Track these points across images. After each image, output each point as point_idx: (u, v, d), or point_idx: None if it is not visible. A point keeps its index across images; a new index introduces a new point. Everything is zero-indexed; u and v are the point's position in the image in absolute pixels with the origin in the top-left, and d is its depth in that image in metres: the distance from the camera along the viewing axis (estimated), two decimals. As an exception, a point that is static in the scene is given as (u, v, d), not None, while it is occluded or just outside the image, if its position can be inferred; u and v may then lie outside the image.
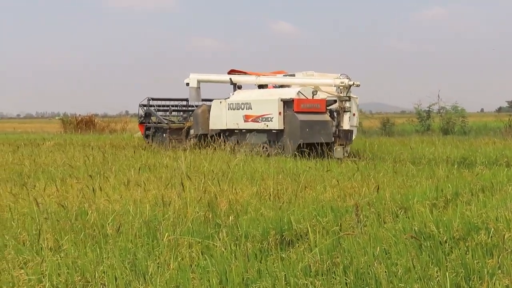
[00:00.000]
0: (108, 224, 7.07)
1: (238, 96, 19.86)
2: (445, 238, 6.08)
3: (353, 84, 18.04)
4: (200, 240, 6.27)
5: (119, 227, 6.67)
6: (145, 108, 23.12)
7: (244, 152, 16.46)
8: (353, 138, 18.58)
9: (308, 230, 6.68)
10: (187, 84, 21.98)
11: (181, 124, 22.15)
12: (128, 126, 42.11)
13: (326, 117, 17.96)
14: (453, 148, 19.05)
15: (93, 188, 8.60)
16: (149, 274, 5.31)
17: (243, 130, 19.02)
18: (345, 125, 18.10)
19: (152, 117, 22.92)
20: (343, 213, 7.66)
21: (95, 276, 5.45)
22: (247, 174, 11.88)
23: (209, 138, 19.70)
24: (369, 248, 5.56)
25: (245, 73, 21.59)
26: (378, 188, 8.86)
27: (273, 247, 6.37)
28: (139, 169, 11.00)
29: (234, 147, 18.06)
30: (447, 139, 25.37)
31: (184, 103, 23.77)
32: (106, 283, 5.25)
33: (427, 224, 6.57)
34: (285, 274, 5.17)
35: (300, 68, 22.00)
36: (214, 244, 6.08)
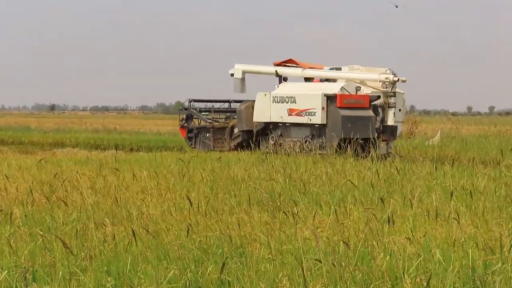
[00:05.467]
0: (407, 274, 7.14)
1: (284, 89, 27.32)
2: None
3: (398, 80, 24.74)
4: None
5: (429, 279, 6.68)
6: (186, 110, 31.67)
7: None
8: (397, 134, 25.50)
9: None
10: (232, 74, 29.95)
11: (225, 123, 30.45)
12: (417, 128, 42.68)
13: (370, 112, 24.44)
14: None
15: (389, 218, 8.79)
16: None
17: (286, 124, 26.18)
18: (390, 121, 24.82)
19: (194, 119, 31.38)
20: None
21: None
22: None
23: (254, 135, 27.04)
24: None
25: (295, 63, 28.72)
26: None
27: None
28: (452, 195, 10.94)
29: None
30: None
31: (226, 105, 32.48)
32: None
33: None
34: None
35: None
36: None
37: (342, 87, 24.98)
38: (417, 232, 9.38)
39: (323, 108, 24.44)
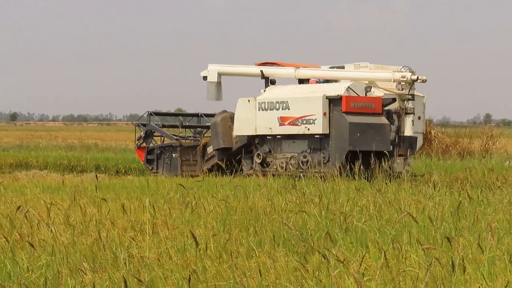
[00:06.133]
0: None
1: (272, 93, 28.43)
2: None
3: (417, 79, 25.76)
4: None
5: None
6: (144, 126, 33.29)
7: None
8: (417, 148, 26.67)
9: None
10: (204, 78, 31.45)
11: (196, 141, 31.88)
12: (495, 144, 42.80)
13: (383, 119, 25.65)
14: None
15: (452, 264, 8.76)
16: None
17: (277, 136, 27.25)
18: (408, 131, 25.78)
19: (155, 137, 33.03)
20: None
21: None
22: None
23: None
24: None
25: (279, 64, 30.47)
26: None
27: None
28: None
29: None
30: None
31: (195, 119, 34.97)
32: None
33: None
34: None
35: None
36: None
37: (348, 87, 25.99)
38: (495, 281, 9.40)
39: (324, 113, 25.45)
